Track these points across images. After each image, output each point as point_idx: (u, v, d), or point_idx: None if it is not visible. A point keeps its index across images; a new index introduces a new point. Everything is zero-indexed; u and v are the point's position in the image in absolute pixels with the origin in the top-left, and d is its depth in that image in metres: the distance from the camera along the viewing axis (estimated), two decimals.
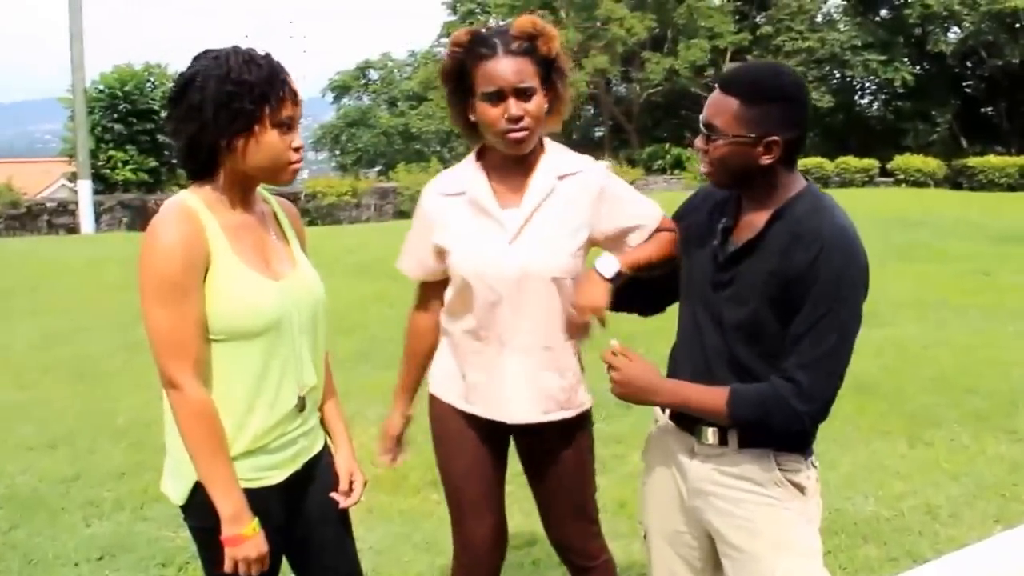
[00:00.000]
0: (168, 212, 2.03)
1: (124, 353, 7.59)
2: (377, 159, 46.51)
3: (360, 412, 5.81)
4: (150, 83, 26.11)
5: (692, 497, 2.33)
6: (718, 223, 2.27)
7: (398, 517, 4.31)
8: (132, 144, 25.44)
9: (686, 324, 2.35)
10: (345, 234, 17.30)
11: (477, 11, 41.70)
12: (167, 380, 2.00)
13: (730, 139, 2.12)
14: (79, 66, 21.58)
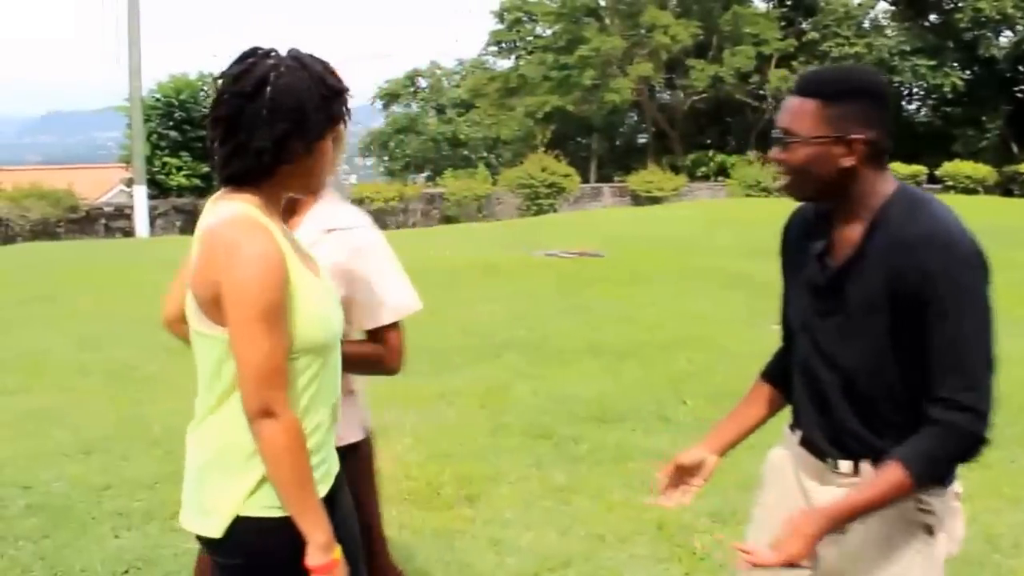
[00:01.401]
0: (247, 227, 1.89)
1: (163, 356, 7.55)
2: (425, 165, 46.67)
3: (397, 422, 5.71)
4: (203, 91, 26.43)
5: None
6: (811, 247, 2.13)
7: (430, 534, 4.19)
8: (186, 151, 25.79)
9: (799, 360, 2.21)
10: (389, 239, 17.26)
11: (524, 19, 41.70)
12: (262, 409, 1.86)
13: (810, 141, 2.00)
14: (136, 76, 21.96)
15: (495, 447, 5.33)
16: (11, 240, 20.79)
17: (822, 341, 2.10)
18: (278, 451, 1.88)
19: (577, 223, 19.68)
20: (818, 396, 2.13)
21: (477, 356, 7.46)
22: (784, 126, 2.04)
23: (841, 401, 2.08)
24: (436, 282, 10.97)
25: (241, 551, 1.97)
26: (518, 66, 41.26)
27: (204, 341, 1.97)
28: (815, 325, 2.11)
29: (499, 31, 42.22)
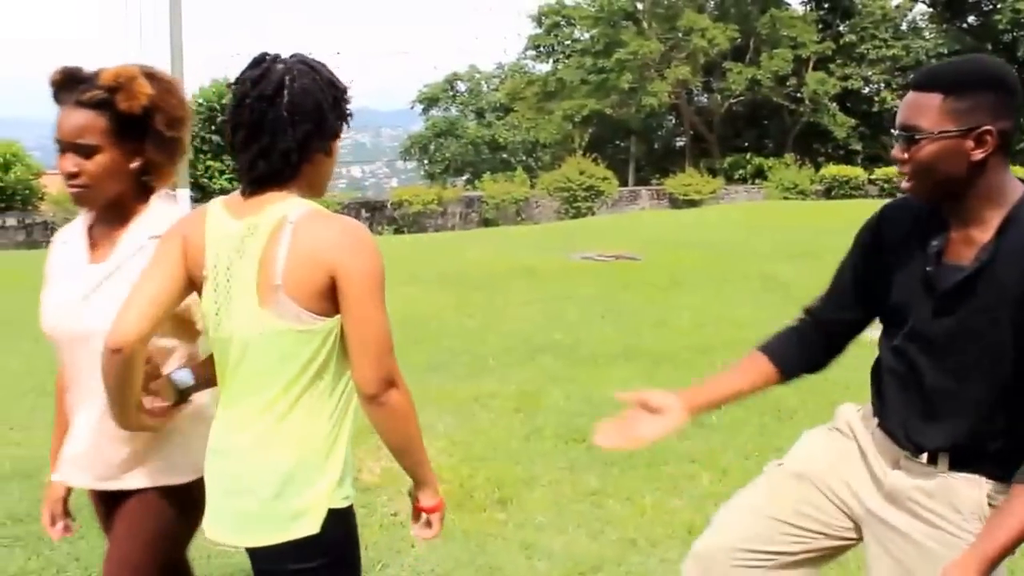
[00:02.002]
0: (344, 218, 2.02)
1: None
2: (465, 168, 46.91)
3: (431, 424, 5.70)
4: None
5: (884, 500, 2.19)
6: (922, 245, 2.09)
7: (462, 537, 4.18)
8: (228, 154, 26.07)
9: (894, 365, 2.18)
10: (427, 243, 17.35)
11: (562, 23, 41.79)
12: (389, 380, 1.99)
13: (936, 136, 1.95)
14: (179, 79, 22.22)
15: (528, 450, 5.32)
16: None
17: (932, 340, 2.07)
18: (406, 416, 2.03)
19: (614, 226, 19.63)
20: (913, 391, 2.13)
21: (512, 359, 7.45)
22: (907, 123, 1.99)
23: (943, 398, 2.07)
24: (473, 285, 11.00)
25: (329, 544, 2.01)
26: (556, 70, 41.32)
27: (288, 339, 1.96)
28: (924, 324, 2.08)
29: (537, 35, 42.37)
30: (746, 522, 2.34)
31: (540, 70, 43.02)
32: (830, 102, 36.58)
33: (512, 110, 43.22)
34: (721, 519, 2.40)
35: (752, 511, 2.35)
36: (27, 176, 22.51)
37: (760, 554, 2.29)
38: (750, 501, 2.38)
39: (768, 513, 2.31)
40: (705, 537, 2.38)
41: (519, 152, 45.88)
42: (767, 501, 2.34)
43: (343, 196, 29.98)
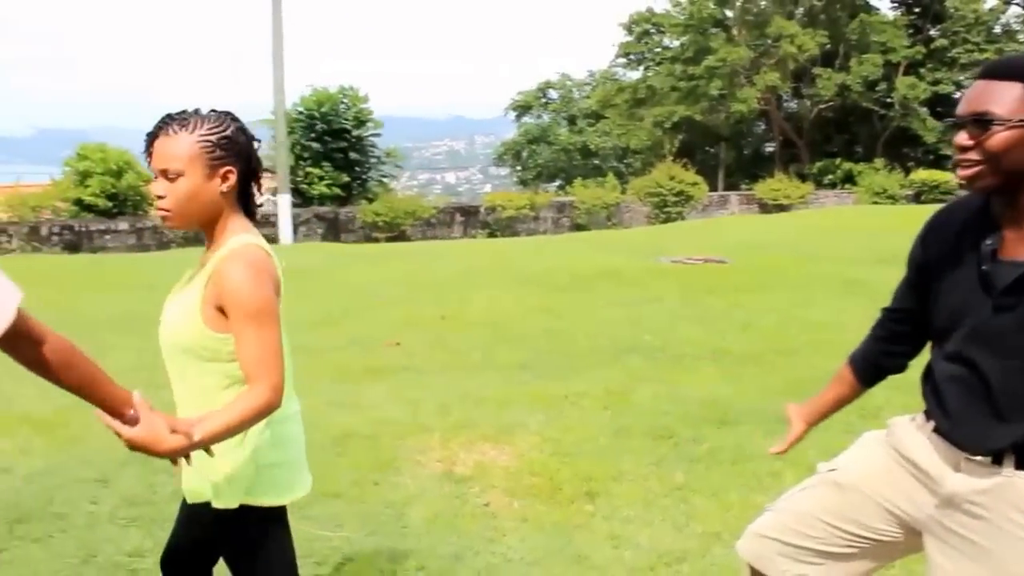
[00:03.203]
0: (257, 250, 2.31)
1: (299, 356, 7.77)
2: (557, 174, 47.16)
3: (521, 421, 5.86)
4: (344, 104, 27.29)
5: (942, 506, 2.21)
6: (975, 243, 2.12)
7: (551, 528, 4.31)
8: (327, 161, 26.70)
9: (953, 370, 2.20)
10: (518, 246, 17.54)
11: (652, 31, 41.76)
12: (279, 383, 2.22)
13: (1015, 124, 1.95)
14: (280, 91, 22.89)
15: (616, 447, 5.43)
16: (165, 246, 21.87)
17: (994, 339, 2.08)
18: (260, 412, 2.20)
19: (703, 230, 19.58)
20: (976, 393, 2.13)
21: (601, 360, 7.56)
22: (977, 110, 1.99)
23: (1009, 397, 2.07)
24: (561, 287, 11.14)
25: None
26: (646, 77, 41.29)
27: None
28: (984, 324, 2.09)
29: (628, 43, 42.40)
30: (800, 519, 2.41)
31: (630, 77, 43.06)
32: (920, 107, 35.87)
33: (603, 117, 43.31)
34: (776, 511, 2.49)
35: (805, 511, 2.42)
36: (138, 183, 23.34)
37: (807, 551, 2.38)
38: (804, 502, 2.45)
39: (819, 515, 2.39)
40: (760, 523, 2.49)
41: (610, 158, 45.94)
42: (819, 504, 2.41)
43: (438, 201, 30.41)
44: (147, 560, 3.89)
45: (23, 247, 21.17)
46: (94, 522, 4.30)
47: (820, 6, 37.30)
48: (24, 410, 6.35)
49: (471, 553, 4.03)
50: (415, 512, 4.49)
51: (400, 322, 9.36)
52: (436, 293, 11.08)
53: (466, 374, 7.20)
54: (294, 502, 4.47)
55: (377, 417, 6.02)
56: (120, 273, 14.99)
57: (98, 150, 23.29)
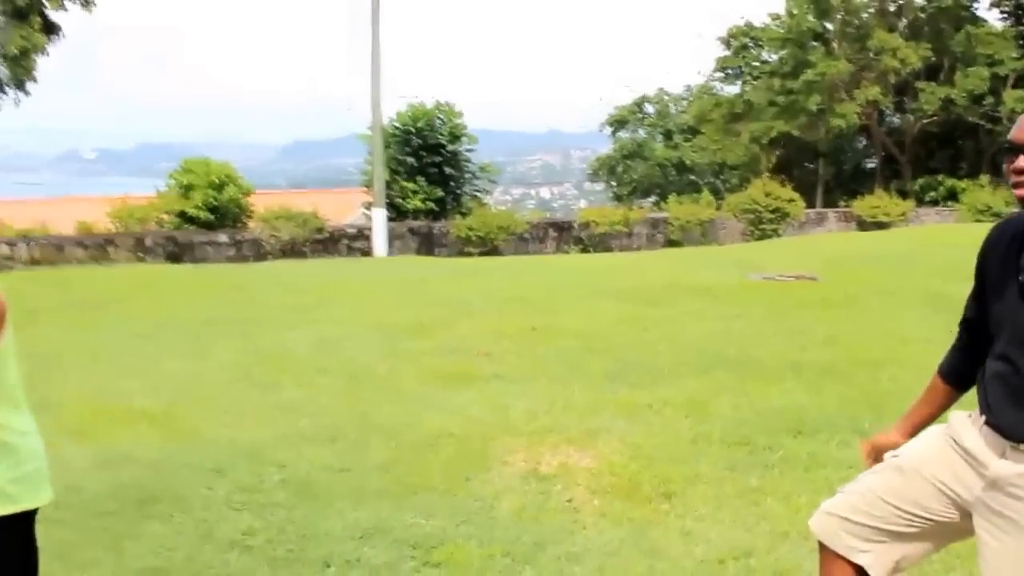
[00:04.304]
0: None
1: (394, 362, 8.29)
2: (652, 190, 47.08)
3: (605, 427, 6.14)
4: (439, 119, 27.86)
5: (988, 488, 2.50)
6: (1017, 258, 2.43)
7: (628, 523, 4.59)
8: (422, 175, 27.22)
9: (1001, 369, 2.50)
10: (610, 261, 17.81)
11: (750, 45, 41.47)
12: None
13: None
14: (377, 107, 23.59)
15: (694, 452, 5.68)
16: (263, 258, 22.64)
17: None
18: None
19: (797, 247, 19.56)
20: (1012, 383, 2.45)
21: (686, 371, 7.79)
22: None
23: None
24: (650, 301, 11.37)
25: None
26: (744, 92, 41.03)
27: None
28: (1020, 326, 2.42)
29: (725, 57, 42.16)
30: (865, 500, 2.69)
31: (728, 92, 42.81)
32: None
33: (699, 132, 43.15)
34: (846, 493, 2.77)
35: (870, 492, 2.70)
36: (238, 195, 24.21)
37: (871, 529, 2.66)
38: (870, 484, 2.73)
39: (881, 495, 2.65)
40: (831, 502, 2.77)
41: (707, 174, 45.76)
42: (883, 486, 2.68)
43: (532, 216, 30.76)
44: (258, 538, 4.31)
45: (129, 257, 22.11)
46: (210, 505, 4.74)
47: (924, 18, 36.63)
48: (140, 406, 6.88)
49: (553, 542, 4.34)
50: (502, 505, 4.81)
51: (491, 332, 9.69)
52: (527, 305, 11.40)
53: (553, 382, 7.50)
54: (388, 494, 4.86)
55: (468, 420, 6.36)
56: (218, 281, 15.71)
57: (201, 164, 24.21)
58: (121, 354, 9.48)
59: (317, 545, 4.27)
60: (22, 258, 21.49)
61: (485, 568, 4.05)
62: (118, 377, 8.18)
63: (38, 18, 25.78)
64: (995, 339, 2.55)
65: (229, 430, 6.21)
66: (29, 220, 23.05)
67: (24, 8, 25.20)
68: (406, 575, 4.00)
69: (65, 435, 6.17)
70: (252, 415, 6.64)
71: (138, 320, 11.75)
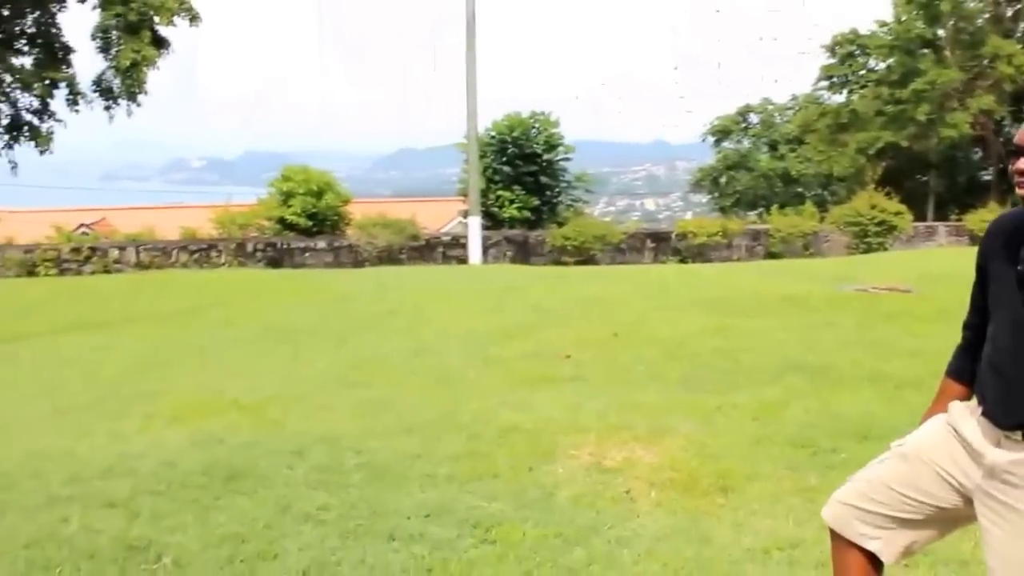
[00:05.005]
0: None
1: (480, 365, 8.60)
2: (757, 202, 46.58)
3: (672, 427, 6.32)
4: (535, 129, 28.21)
5: (986, 476, 2.63)
6: (1016, 250, 2.59)
7: (682, 513, 4.79)
8: (518, 184, 27.60)
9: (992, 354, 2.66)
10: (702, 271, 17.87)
11: (857, 53, 40.77)
12: None
13: None
14: (472, 117, 24.05)
15: (757, 452, 5.82)
16: (360, 264, 23.28)
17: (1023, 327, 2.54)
18: None
19: (899, 261, 19.35)
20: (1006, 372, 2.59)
21: (762, 378, 7.90)
22: None
23: None
24: (737, 311, 11.45)
25: None
26: (850, 101, 40.36)
27: None
28: (1017, 315, 2.56)
29: (831, 65, 41.57)
30: (872, 488, 2.86)
31: (835, 101, 42.17)
32: None
33: (805, 142, 42.60)
34: (855, 481, 2.94)
35: (877, 480, 2.86)
36: (337, 203, 24.91)
37: (878, 516, 2.82)
38: (877, 472, 2.90)
39: (888, 483, 2.81)
40: (840, 491, 2.95)
41: (813, 185, 45.16)
42: (889, 474, 2.83)
43: (631, 226, 30.88)
44: (331, 513, 4.64)
45: (230, 262, 22.97)
46: (290, 482, 5.09)
47: None
48: (233, 397, 7.33)
49: (606, 527, 4.56)
50: (562, 493, 5.05)
51: (575, 338, 9.93)
52: (612, 313, 11.60)
53: (629, 386, 7.70)
54: (455, 479, 5.12)
55: (541, 417, 6.61)
56: (315, 287, 16.27)
57: (301, 172, 25.01)
58: (221, 354, 10.01)
59: (385, 521, 4.56)
60: (130, 261, 22.55)
61: (538, 547, 4.29)
62: (216, 374, 8.68)
63: (148, 33, 27.01)
64: (992, 329, 2.68)
65: (315, 422, 6.58)
66: (138, 226, 24.17)
67: (136, 24, 26.44)
68: (464, 550, 4.26)
69: (164, 421, 6.66)
70: (339, 410, 7.01)
71: (238, 323, 12.34)
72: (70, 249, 22.59)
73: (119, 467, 5.37)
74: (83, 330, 12.66)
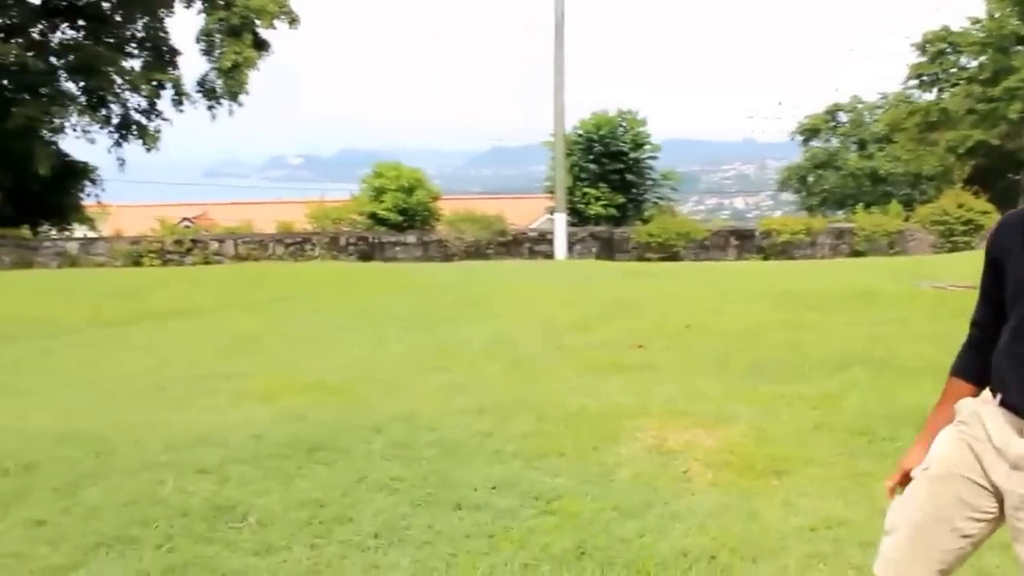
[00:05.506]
0: None
1: (556, 353, 8.91)
2: (845, 201, 45.95)
3: (735, 414, 6.54)
4: (622, 127, 28.40)
5: (1011, 469, 2.56)
6: None
7: (733, 492, 5.03)
8: (604, 182, 27.83)
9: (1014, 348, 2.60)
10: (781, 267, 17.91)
11: (948, 50, 39.96)
12: None
13: None
14: (560, 116, 24.40)
15: (814, 438, 6.02)
16: (448, 258, 23.77)
17: None
18: None
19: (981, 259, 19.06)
20: None
21: (827, 369, 8.06)
22: None
23: None
24: (811, 306, 11.56)
25: None
26: (940, 99, 39.64)
27: None
28: None
29: (920, 63, 40.83)
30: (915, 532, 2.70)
31: (924, 99, 41.38)
32: None
33: (892, 141, 41.95)
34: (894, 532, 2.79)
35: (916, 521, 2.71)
36: (427, 199, 25.45)
37: (931, 558, 2.69)
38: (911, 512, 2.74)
39: (933, 515, 2.67)
40: (885, 546, 2.81)
41: (902, 185, 44.42)
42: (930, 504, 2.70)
43: (716, 224, 30.86)
44: (404, 483, 5.02)
45: (323, 255, 23.64)
46: (367, 455, 5.47)
47: None
48: (320, 378, 7.77)
49: (661, 503, 4.84)
50: (622, 472, 5.34)
51: (649, 329, 10.18)
52: (688, 306, 11.81)
53: (697, 374, 7.93)
54: (521, 456, 5.44)
55: (609, 402, 6.90)
56: (403, 279, 16.75)
57: (392, 168, 25.60)
58: (310, 339, 10.49)
59: (453, 491, 4.91)
60: (229, 253, 23.40)
61: (594, 519, 4.60)
62: (305, 358, 9.14)
63: (250, 35, 28.00)
64: (1010, 319, 2.63)
65: (395, 401, 6.97)
66: (237, 220, 25.01)
67: (238, 27, 27.44)
68: (524, 520, 4.58)
69: (254, 398, 7.12)
70: (418, 391, 7.38)
71: (329, 312, 12.84)
72: (173, 241, 23.52)
73: (211, 438, 5.81)
74: (184, 316, 13.30)
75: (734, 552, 4.28)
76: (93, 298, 15.53)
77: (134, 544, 4.31)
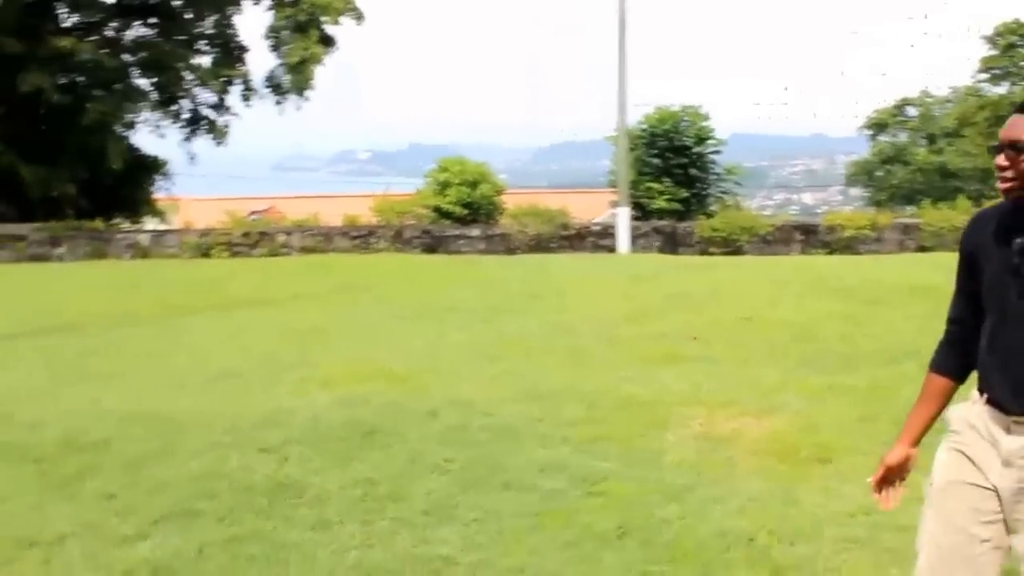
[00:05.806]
0: None
1: (612, 344, 9.06)
2: (914, 196, 45.32)
3: (784, 404, 6.67)
4: (685, 122, 28.35)
5: (1003, 466, 2.57)
6: (1007, 242, 2.56)
7: (776, 478, 5.16)
8: (667, 176, 27.77)
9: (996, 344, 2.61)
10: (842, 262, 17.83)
11: (1019, 43, 39.12)
12: None
13: None
14: (623, 110, 24.52)
15: (860, 429, 6.11)
16: (512, 251, 23.95)
17: (1019, 315, 2.54)
18: None
19: None
20: (1016, 362, 2.56)
21: (879, 362, 8.11)
22: (1013, 137, 2.51)
23: None
24: (869, 300, 11.56)
25: None
26: (1011, 92, 38.87)
27: None
28: (1012, 303, 2.55)
29: (991, 56, 40.09)
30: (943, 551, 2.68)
31: (995, 93, 40.58)
32: None
33: (962, 135, 41.25)
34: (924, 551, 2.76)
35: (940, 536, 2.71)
36: (491, 193, 25.67)
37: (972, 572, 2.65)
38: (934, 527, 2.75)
39: (949, 526, 2.68)
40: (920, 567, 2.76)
41: (972, 180, 43.66)
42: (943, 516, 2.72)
43: (782, 218, 30.63)
44: (455, 465, 5.24)
45: (388, 248, 23.96)
46: (423, 438, 5.71)
47: None
48: (380, 366, 8.02)
49: (702, 487, 4.99)
50: (668, 457, 5.50)
51: (706, 321, 10.27)
52: (746, 299, 11.86)
53: (750, 365, 8.04)
54: (570, 441, 5.61)
55: (660, 391, 7.05)
56: (466, 271, 17.00)
57: (457, 163, 25.84)
58: (373, 328, 10.75)
59: (502, 473, 5.11)
60: (295, 246, 23.87)
61: (637, 501, 4.76)
62: (368, 347, 9.39)
63: (316, 32, 28.50)
64: (988, 318, 2.64)
65: (451, 388, 7.19)
66: (304, 213, 25.44)
67: (304, 23, 27.93)
68: (570, 501, 4.77)
69: (316, 384, 7.38)
70: (475, 379, 7.59)
71: (392, 303, 13.10)
72: (241, 234, 24.03)
73: (273, 420, 6.09)
74: (251, 305, 13.65)
75: (772, 534, 4.42)
76: (163, 289, 16.00)
77: (198, 517, 4.58)
